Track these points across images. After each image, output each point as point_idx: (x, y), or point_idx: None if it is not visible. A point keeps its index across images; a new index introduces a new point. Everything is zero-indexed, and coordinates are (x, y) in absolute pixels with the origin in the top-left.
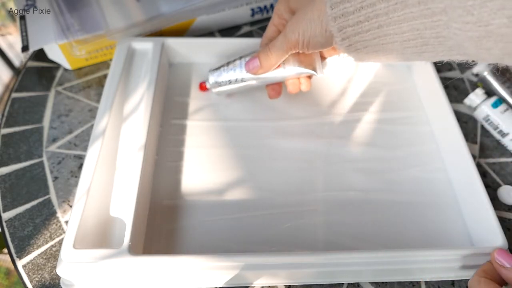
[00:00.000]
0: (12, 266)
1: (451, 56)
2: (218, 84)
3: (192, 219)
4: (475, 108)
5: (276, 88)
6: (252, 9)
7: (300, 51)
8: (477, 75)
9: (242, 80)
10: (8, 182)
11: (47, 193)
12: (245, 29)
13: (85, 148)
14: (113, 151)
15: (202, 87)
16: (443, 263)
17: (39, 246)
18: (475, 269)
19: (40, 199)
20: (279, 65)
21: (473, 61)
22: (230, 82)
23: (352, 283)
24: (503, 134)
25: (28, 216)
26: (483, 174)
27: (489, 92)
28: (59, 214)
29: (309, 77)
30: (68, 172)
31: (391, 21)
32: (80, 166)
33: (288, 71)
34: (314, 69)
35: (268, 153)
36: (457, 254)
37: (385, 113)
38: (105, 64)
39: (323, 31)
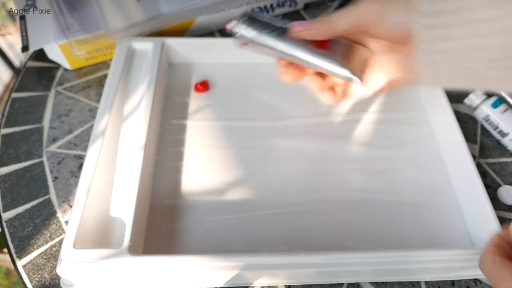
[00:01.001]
0: (12, 266)
1: None
2: (248, 39)
3: (192, 219)
4: (475, 108)
5: (298, 72)
6: (252, 9)
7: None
8: None
9: (281, 52)
10: (8, 182)
11: (47, 193)
12: None
13: (85, 148)
14: (113, 151)
15: (197, 88)
16: (443, 263)
17: (39, 246)
18: (475, 269)
19: (40, 199)
20: (326, 45)
21: None
22: (264, 46)
23: (352, 283)
24: (503, 134)
25: (28, 216)
26: (483, 174)
27: (489, 92)
28: (59, 214)
29: (346, 85)
30: (68, 172)
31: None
32: (80, 166)
33: (329, 62)
34: (358, 76)
35: (268, 153)
36: (457, 254)
37: (385, 113)
38: (105, 64)
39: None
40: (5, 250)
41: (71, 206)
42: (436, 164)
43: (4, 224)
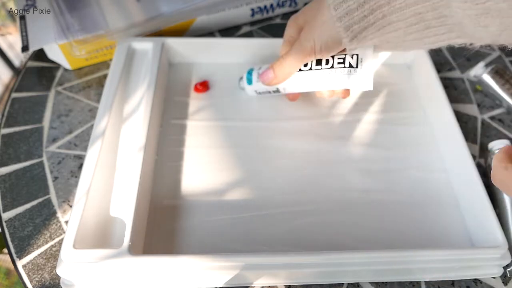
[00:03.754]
0: (12, 266)
1: (450, 38)
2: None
3: (192, 219)
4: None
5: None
6: (252, 9)
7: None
8: (475, 77)
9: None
10: (8, 182)
11: (47, 193)
12: (245, 29)
13: (85, 148)
14: (113, 151)
15: (197, 88)
16: (443, 263)
17: (39, 246)
18: (475, 269)
19: (40, 199)
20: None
21: (471, 44)
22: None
23: (352, 283)
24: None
25: (28, 216)
26: (483, 174)
27: (488, 94)
28: (59, 214)
29: None
30: (68, 172)
31: (393, 9)
32: (80, 166)
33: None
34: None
35: (268, 153)
36: (457, 254)
37: (385, 113)
38: (105, 64)
39: (335, 32)
40: (5, 250)
41: (71, 206)
42: (436, 164)
43: (4, 224)
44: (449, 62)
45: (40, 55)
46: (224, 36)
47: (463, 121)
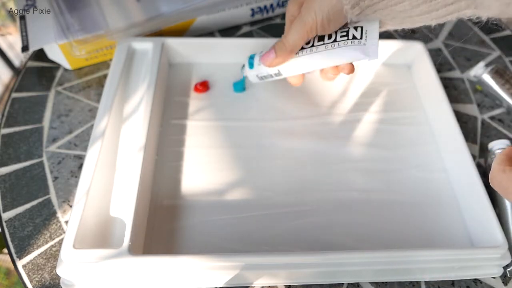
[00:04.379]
0: (12, 266)
1: (460, 10)
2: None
3: (192, 219)
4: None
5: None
6: (252, 9)
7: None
8: (475, 77)
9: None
10: (8, 182)
11: (47, 193)
12: (245, 29)
13: (85, 148)
14: (113, 151)
15: (197, 88)
16: (443, 263)
17: (39, 246)
18: (475, 269)
19: (40, 199)
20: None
21: (477, 18)
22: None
23: (352, 283)
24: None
25: (28, 216)
26: (483, 174)
27: (489, 94)
28: (59, 214)
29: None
30: (68, 172)
31: None
32: (80, 166)
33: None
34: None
35: (268, 153)
36: (457, 254)
37: (385, 113)
38: (105, 64)
39: (336, 1)
40: (5, 250)
41: (71, 206)
42: (436, 164)
43: (4, 224)
44: (448, 62)
45: (40, 55)
46: (224, 36)
47: (463, 121)
